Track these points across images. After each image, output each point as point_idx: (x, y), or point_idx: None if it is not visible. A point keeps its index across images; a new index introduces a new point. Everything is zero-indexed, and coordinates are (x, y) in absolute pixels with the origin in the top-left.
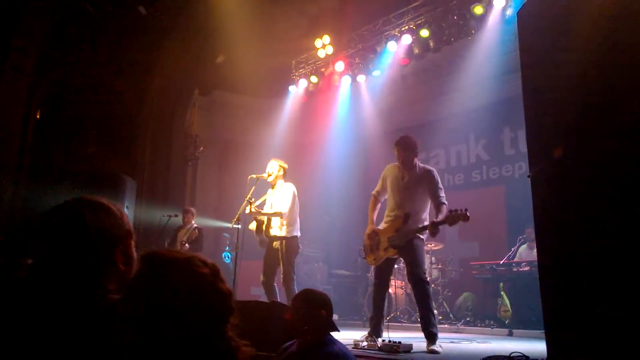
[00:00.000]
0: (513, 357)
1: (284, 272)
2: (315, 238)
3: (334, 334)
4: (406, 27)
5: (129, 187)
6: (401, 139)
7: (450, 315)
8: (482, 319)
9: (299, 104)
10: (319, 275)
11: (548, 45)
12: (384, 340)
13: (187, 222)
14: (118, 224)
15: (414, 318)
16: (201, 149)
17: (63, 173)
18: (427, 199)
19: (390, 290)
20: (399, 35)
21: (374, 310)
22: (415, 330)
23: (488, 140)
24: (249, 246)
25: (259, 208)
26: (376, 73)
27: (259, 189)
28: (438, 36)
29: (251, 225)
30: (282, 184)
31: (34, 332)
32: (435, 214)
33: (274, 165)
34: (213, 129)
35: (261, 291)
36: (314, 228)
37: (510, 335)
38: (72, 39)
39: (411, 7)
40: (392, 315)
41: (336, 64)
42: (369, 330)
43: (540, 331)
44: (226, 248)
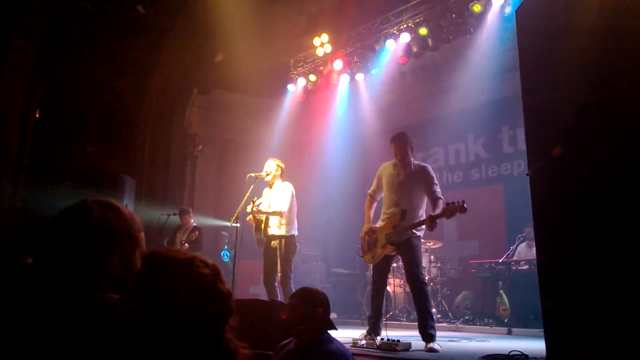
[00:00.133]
0: (512, 356)
1: (281, 271)
2: (314, 237)
3: (331, 332)
4: (405, 26)
5: (128, 186)
6: (397, 135)
7: (449, 313)
8: (481, 317)
9: (297, 102)
10: (318, 274)
11: (547, 43)
12: (382, 339)
13: (186, 223)
14: (125, 225)
15: (413, 317)
16: (200, 148)
17: (62, 172)
18: (424, 196)
19: (388, 289)
20: (398, 33)
21: (372, 308)
22: (414, 329)
23: (487, 138)
24: (248, 245)
25: (258, 207)
26: (375, 71)
27: (257, 188)
28: (437, 34)
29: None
30: (280, 183)
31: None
32: (432, 210)
33: (271, 164)
34: (212, 127)
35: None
36: (313, 227)
37: (509, 333)
38: (72, 39)
39: (410, 6)
40: (391, 313)
41: (335, 63)
42: (367, 328)
43: (540, 330)
44: (225, 246)
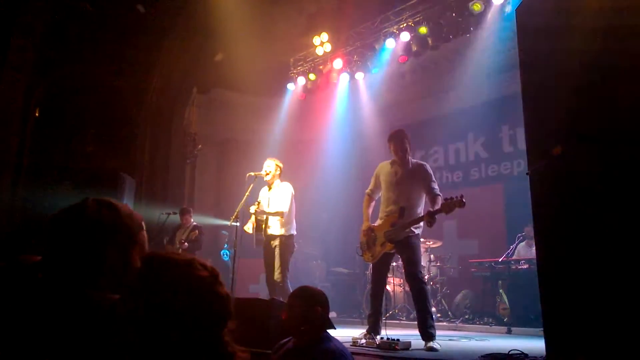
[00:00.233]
0: (512, 355)
1: (278, 269)
2: (314, 236)
3: (330, 331)
4: (404, 25)
5: (128, 186)
6: (395, 133)
7: (449, 312)
8: (481, 316)
9: (297, 101)
10: (318, 273)
11: (547, 42)
12: (382, 338)
13: (186, 223)
14: (124, 224)
15: (412, 316)
16: (200, 147)
17: (62, 172)
18: (422, 193)
19: (388, 288)
20: (398, 32)
21: (372, 307)
22: (414, 328)
23: (487, 137)
24: (248, 244)
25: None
26: (375, 71)
27: (256, 187)
28: (436, 33)
29: (247, 226)
30: (279, 183)
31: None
32: (431, 207)
33: (270, 164)
34: (212, 127)
35: (259, 288)
36: (313, 226)
37: (509, 333)
38: (72, 39)
39: (409, 5)
40: (391, 313)
41: (334, 62)
42: (367, 327)
43: (539, 329)
44: (225, 246)
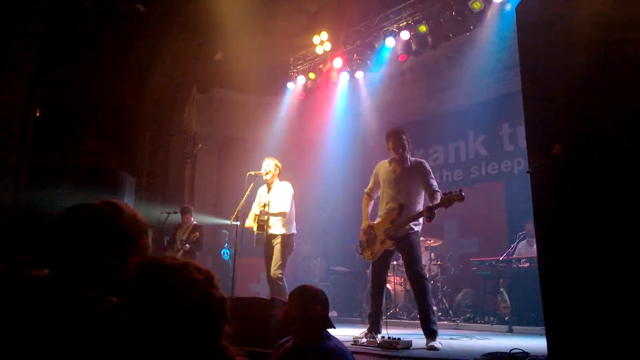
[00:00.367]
0: (513, 354)
1: (277, 267)
2: (314, 235)
3: (330, 330)
4: (404, 23)
5: (128, 185)
6: (392, 130)
7: (450, 311)
8: (482, 315)
9: (297, 100)
10: (318, 272)
11: (547, 40)
12: (383, 337)
13: (186, 221)
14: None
15: (413, 315)
16: (200, 146)
17: (63, 171)
18: (421, 191)
19: (389, 287)
20: (397, 31)
21: (372, 306)
22: (415, 327)
23: (487, 136)
24: (248, 243)
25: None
26: (374, 69)
27: (255, 186)
28: (436, 32)
29: (248, 222)
30: (278, 183)
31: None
32: (430, 203)
33: (270, 164)
34: (212, 126)
35: (260, 288)
36: (313, 224)
37: (510, 331)
38: (72, 38)
39: (409, 3)
40: (391, 312)
41: (334, 61)
42: (368, 326)
43: (541, 328)
44: (225, 245)
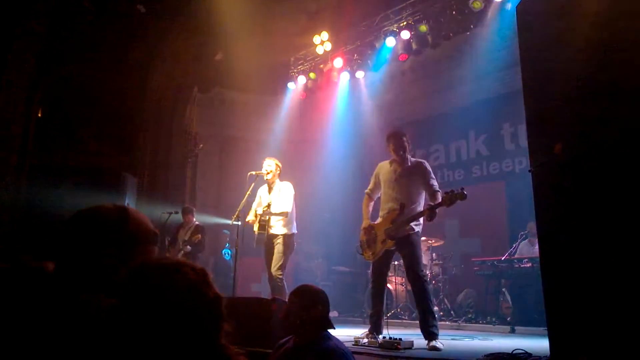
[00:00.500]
0: (515, 355)
1: (277, 267)
2: (315, 235)
3: (331, 330)
4: (404, 23)
5: (129, 185)
6: (392, 132)
7: (452, 312)
8: (484, 315)
9: (298, 100)
10: (319, 272)
11: (548, 40)
12: (384, 337)
13: (188, 222)
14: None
15: (415, 315)
16: (201, 146)
17: (64, 171)
18: (422, 191)
19: (390, 287)
20: (398, 30)
21: (373, 307)
22: (416, 327)
23: (488, 135)
24: (249, 243)
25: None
26: (375, 69)
27: (256, 186)
28: (437, 31)
29: (249, 217)
30: (279, 183)
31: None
32: (431, 203)
33: (271, 163)
34: (213, 126)
35: (261, 287)
36: (314, 225)
37: (512, 332)
38: (72, 38)
39: (409, 3)
40: (393, 312)
41: (335, 61)
42: (369, 327)
43: (543, 328)
44: (226, 245)
